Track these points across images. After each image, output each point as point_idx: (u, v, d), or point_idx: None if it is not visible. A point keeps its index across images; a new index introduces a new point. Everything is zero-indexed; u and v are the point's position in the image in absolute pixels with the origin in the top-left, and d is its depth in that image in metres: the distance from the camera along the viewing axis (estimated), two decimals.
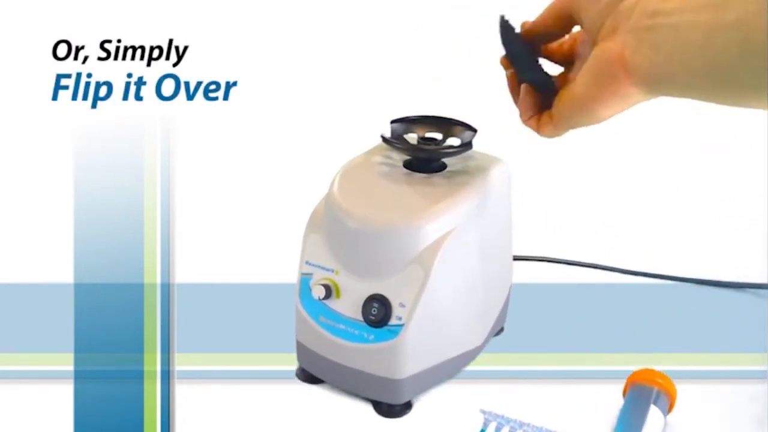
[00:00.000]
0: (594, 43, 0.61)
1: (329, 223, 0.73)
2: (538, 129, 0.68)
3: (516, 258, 0.84)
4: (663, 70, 0.56)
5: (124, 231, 0.74)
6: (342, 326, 0.72)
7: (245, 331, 0.82)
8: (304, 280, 0.74)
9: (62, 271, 0.75)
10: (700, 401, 0.72)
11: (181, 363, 0.73)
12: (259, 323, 0.82)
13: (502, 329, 0.84)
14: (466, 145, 0.76)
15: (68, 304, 0.72)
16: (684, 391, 0.71)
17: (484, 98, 0.69)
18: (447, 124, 0.77)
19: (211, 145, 1.12)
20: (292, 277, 0.75)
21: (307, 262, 0.74)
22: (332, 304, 0.73)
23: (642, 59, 0.57)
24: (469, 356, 0.78)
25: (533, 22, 0.66)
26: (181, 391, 0.72)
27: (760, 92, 0.52)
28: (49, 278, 0.85)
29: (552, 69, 0.68)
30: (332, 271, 0.73)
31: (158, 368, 0.72)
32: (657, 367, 0.72)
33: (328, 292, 0.72)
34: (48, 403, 0.72)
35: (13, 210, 1.01)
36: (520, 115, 0.69)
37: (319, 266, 0.73)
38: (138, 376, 0.72)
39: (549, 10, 0.65)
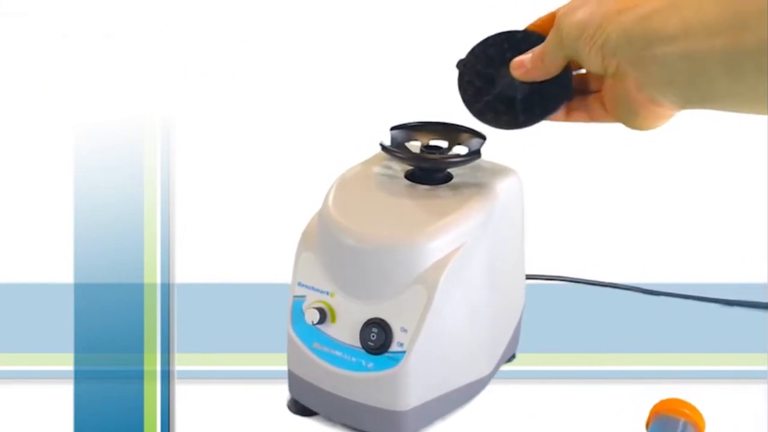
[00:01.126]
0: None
1: (323, 240, 0.68)
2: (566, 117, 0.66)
3: (529, 277, 0.80)
4: (690, 99, 0.54)
5: (124, 231, 0.74)
6: (338, 353, 0.67)
7: (245, 331, 0.82)
8: (296, 303, 0.69)
9: (62, 271, 0.75)
10: (701, 401, 0.72)
11: (181, 363, 0.73)
12: (259, 323, 0.82)
13: (513, 356, 0.79)
14: (474, 154, 0.71)
15: (68, 304, 0.72)
16: (684, 392, 0.71)
17: None
18: (453, 131, 0.72)
19: (212, 145, 1.12)
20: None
21: (299, 284, 0.69)
22: (327, 329, 0.68)
23: (663, 94, 0.55)
24: (478, 386, 0.73)
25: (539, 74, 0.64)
26: (181, 391, 0.72)
27: None
28: (49, 278, 0.85)
29: None
30: (327, 293, 0.68)
31: (158, 368, 0.72)
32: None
33: (323, 316, 0.67)
34: (48, 403, 0.72)
35: (13, 210, 1.01)
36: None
37: (312, 288, 0.69)
38: (138, 376, 0.72)
39: (552, 64, 0.62)
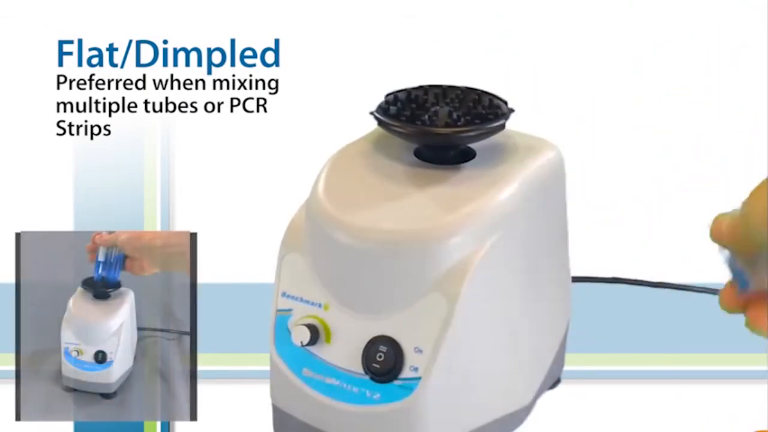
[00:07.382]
0: None
1: (313, 238, 0.57)
2: None
3: (575, 279, 0.69)
4: None
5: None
6: (335, 382, 0.56)
7: (246, 330, 0.82)
8: (281, 318, 0.58)
9: None
10: (701, 401, 0.72)
11: None
12: (260, 323, 0.82)
13: (558, 380, 0.67)
14: (498, 125, 0.58)
15: None
16: (684, 391, 0.71)
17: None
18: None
19: (211, 145, 1.12)
20: None
21: (283, 294, 0.58)
22: (320, 351, 0.56)
23: None
24: (515, 420, 0.61)
25: None
26: None
27: None
28: None
29: None
30: (319, 305, 0.57)
31: None
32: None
33: (315, 335, 0.56)
34: None
35: (13, 210, 1.02)
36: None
37: (300, 299, 0.58)
38: None
39: None
